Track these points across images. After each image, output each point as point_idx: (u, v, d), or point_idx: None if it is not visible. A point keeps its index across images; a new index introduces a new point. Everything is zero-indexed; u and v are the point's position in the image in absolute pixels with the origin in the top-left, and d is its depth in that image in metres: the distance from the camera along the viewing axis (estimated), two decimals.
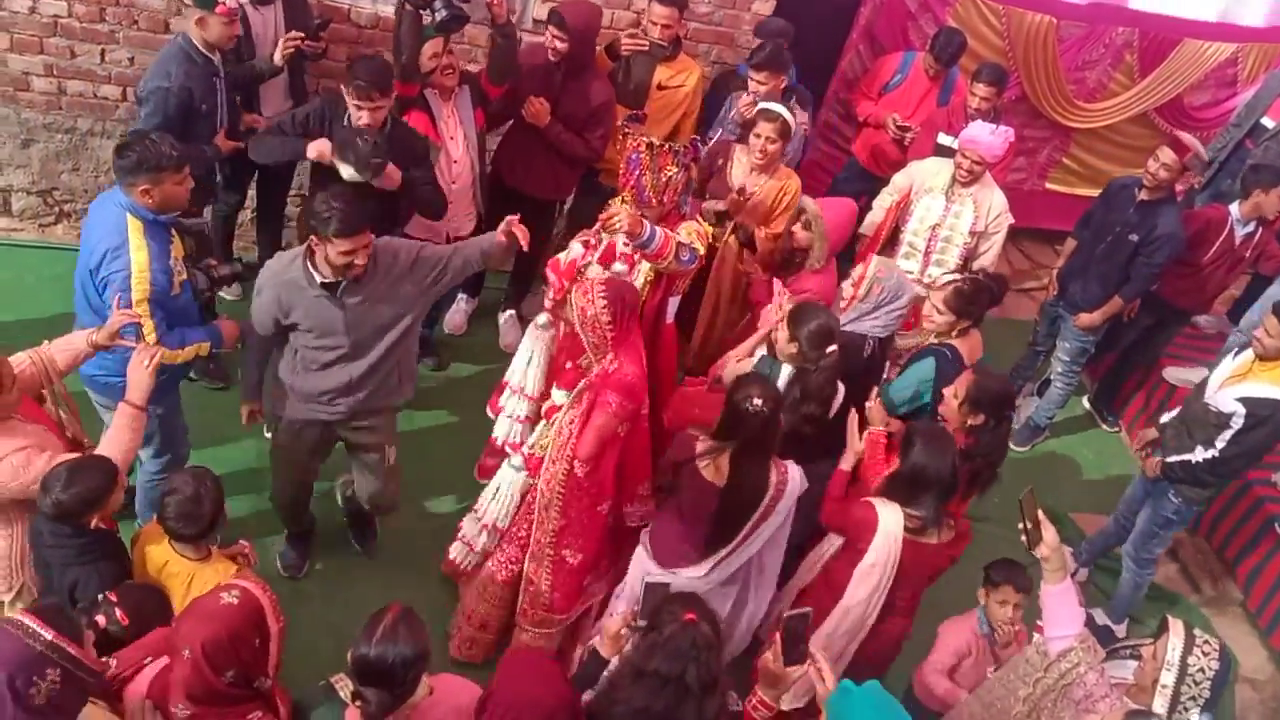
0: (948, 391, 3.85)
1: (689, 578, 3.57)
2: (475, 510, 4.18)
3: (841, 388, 3.91)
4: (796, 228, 4.46)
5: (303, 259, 3.59)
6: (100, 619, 2.71)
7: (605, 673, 2.84)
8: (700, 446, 3.46)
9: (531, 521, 3.85)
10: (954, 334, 4.20)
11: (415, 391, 4.11)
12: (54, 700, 2.40)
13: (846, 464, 3.78)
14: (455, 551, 4.23)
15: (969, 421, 3.78)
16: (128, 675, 2.72)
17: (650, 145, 3.99)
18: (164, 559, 3.15)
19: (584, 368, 3.74)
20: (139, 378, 3.27)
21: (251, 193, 5.38)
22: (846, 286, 4.31)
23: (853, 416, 3.86)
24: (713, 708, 2.47)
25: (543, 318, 3.80)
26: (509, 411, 4.11)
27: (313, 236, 3.50)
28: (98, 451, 3.20)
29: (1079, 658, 2.88)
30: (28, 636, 2.39)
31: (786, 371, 3.88)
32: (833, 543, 3.76)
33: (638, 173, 3.99)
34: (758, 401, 3.29)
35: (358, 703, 2.57)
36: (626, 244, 3.94)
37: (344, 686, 2.68)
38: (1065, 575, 2.94)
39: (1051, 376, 5.77)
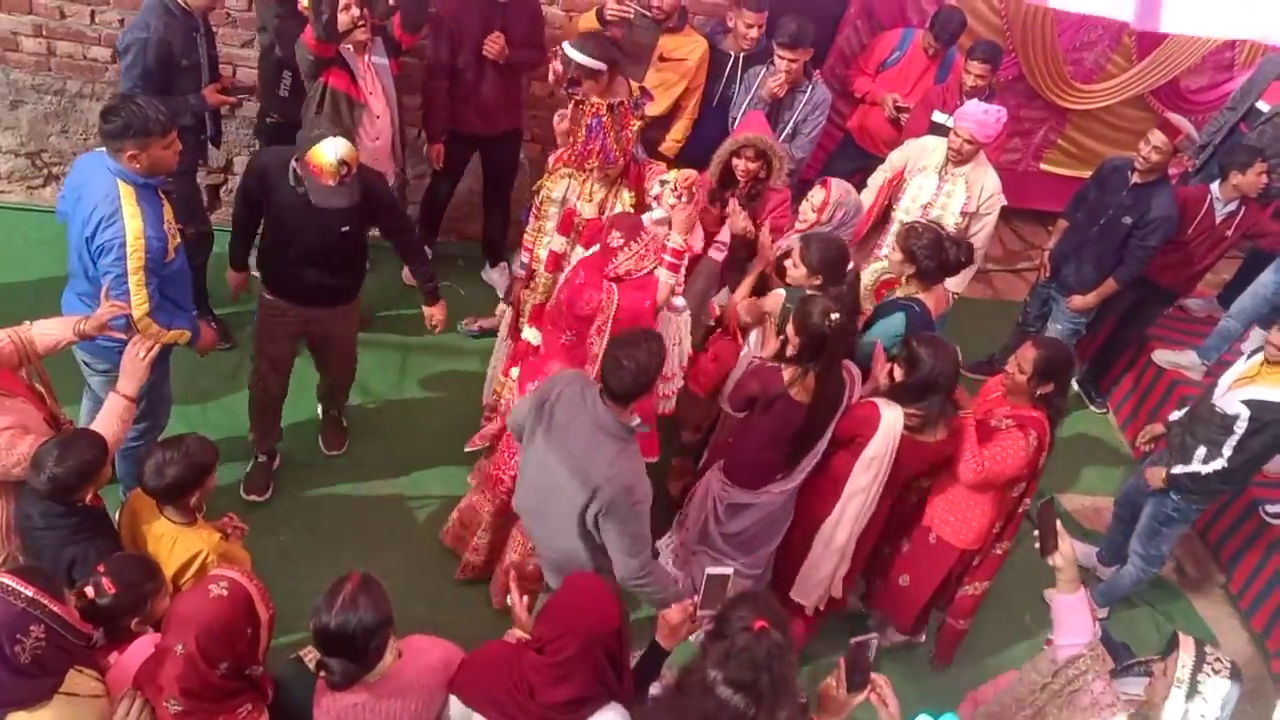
0: (1010, 368, 3.91)
1: (778, 491, 3.85)
2: None
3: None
4: (744, 164, 4.41)
5: None
6: (89, 590, 2.68)
7: (665, 668, 2.87)
8: (787, 375, 3.64)
9: None
10: (912, 284, 4.16)
11: (406, 361, 4.02)
12: (39, 658, 2.39)
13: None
14: None
15: (1039, 391, 3.86)
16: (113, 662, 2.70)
17: (610, 107, 4.01)
18: (151, 521, 3.14)
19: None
20: (134, 369, 3.25)
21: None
22: (808, 210, 4.35)
23: (879, 351, 3.96)
24: (783, 713, 2.44)
25: (681, 300, 3.79)
26: None
27: None
28: None
29: (1086, 665, 2.91)
30: (7, 595, 2.38)
31: None
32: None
33: (601, 138, 4.01)
34: (835, 315, 3.48)
35: (322, 673, 2.56)
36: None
37: (312, 658, 2.67)
38: (1078, 586, 2.97)
39: None
